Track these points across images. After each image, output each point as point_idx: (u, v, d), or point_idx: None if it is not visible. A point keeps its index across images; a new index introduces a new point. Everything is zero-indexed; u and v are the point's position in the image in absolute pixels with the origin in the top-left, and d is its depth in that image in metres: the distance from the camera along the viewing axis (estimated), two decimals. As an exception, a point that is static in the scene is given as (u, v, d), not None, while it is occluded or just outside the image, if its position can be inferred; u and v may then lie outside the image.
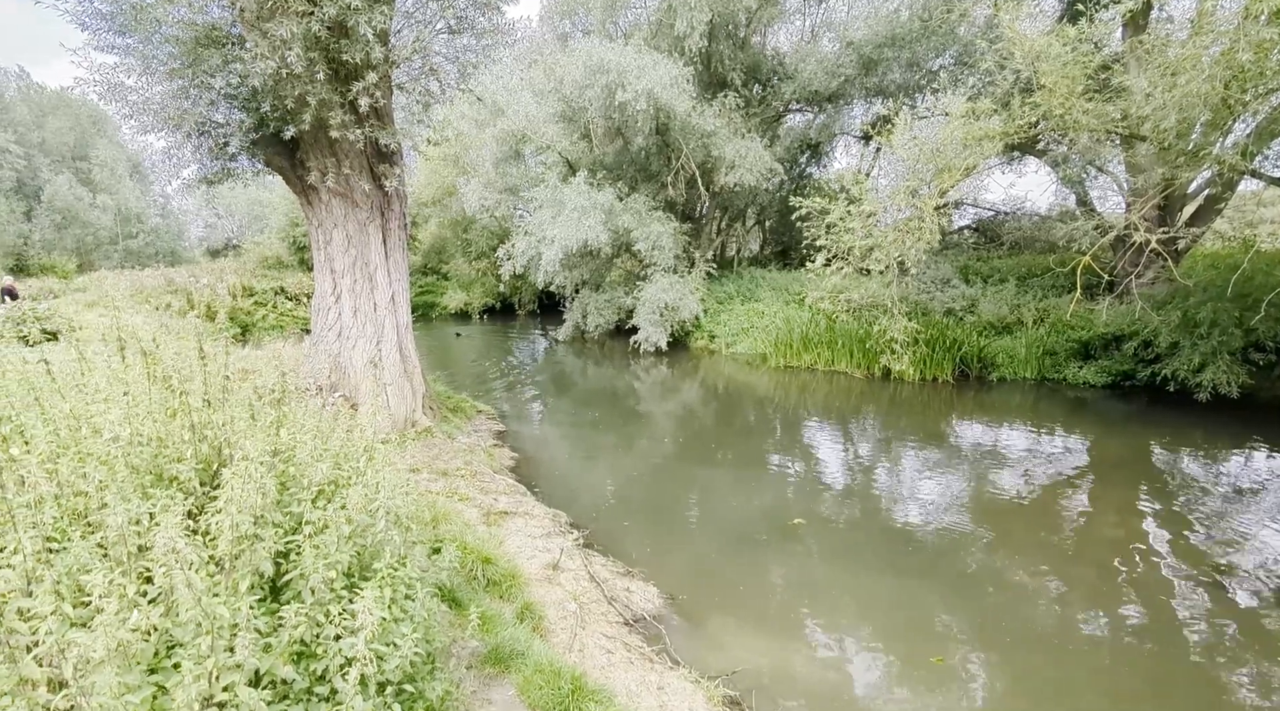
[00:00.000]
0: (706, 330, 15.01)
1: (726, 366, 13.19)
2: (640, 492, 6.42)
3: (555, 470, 7.05)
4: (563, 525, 5.49)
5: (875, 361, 11.23)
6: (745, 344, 14.01)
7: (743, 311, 14.84)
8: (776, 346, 12.74)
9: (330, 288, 6.31)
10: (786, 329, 12.83)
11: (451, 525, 4.54)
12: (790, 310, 14.05)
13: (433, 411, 7.39)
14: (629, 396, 10.88)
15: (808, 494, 6.26)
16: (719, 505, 6.04)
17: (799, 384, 11.57)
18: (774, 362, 12.60)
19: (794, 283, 15.42)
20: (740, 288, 16.00)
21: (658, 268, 14.36)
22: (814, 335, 12.32)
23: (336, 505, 2.80)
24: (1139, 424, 8.89)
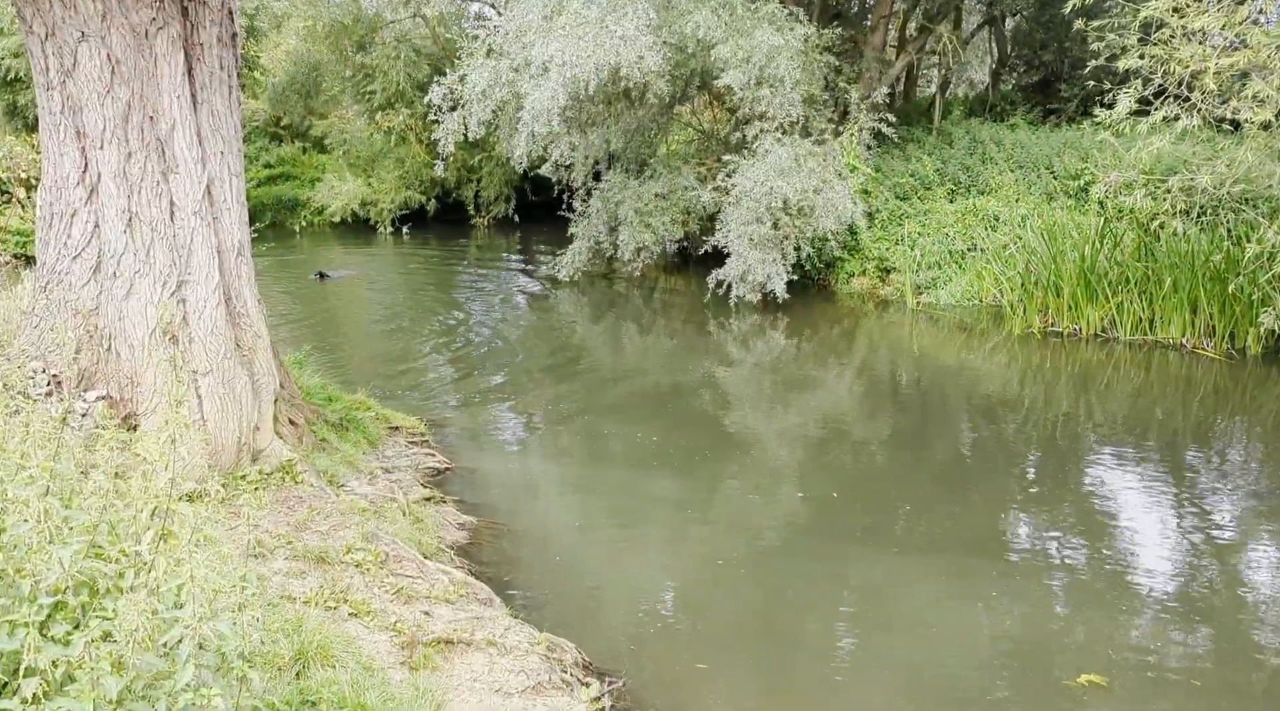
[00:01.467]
0: (872, 255, 15.03)
1: (915, 331, 13.19)
2: (734, 600, 6.44)
3: (553, 551, 7.13)
4: (569, 667, 5.48)
5: (1248, 322, 10.95)
6: (956, 286, 14.00)
7: (951, 216, 14.70)
8: (1026, 291, 12.66)
9: (76, 169, 6.35)
10: (1049, 253, 12.67)
11: (337, 668, 4.55)
12: (1056, 213, 13.78)
13: (296, 428, 7.45)
14: (706, 396, 10.91)
15: (1107, 612, 6.10)
16: (908, 633, 5.97)
17: (1076, 369, 11.39)
18: (1017, 324, 12.57)
19: (1065, 153, 15.17)
20: (947, 165, 15.88)
21: (769, 125, 14.18)
22: (1109, 267, 12.13)
23: (91, 633, 2.75)
24: None
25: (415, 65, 21.00)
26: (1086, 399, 10.44)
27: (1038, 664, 5.57)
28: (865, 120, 15.23)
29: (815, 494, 8.07)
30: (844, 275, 15.25)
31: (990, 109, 18.48)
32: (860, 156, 15.07)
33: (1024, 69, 19.76)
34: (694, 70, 15.02)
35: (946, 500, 7.93)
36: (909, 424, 9.93)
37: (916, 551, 7.04)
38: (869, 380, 11.45)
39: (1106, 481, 8.42)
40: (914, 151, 16.24)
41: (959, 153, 16.03)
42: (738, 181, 13.92)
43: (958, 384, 11.06)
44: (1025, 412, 10.03)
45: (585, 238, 16.16)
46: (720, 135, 17.19)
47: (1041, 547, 7.09)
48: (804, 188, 13.69)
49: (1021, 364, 11.61)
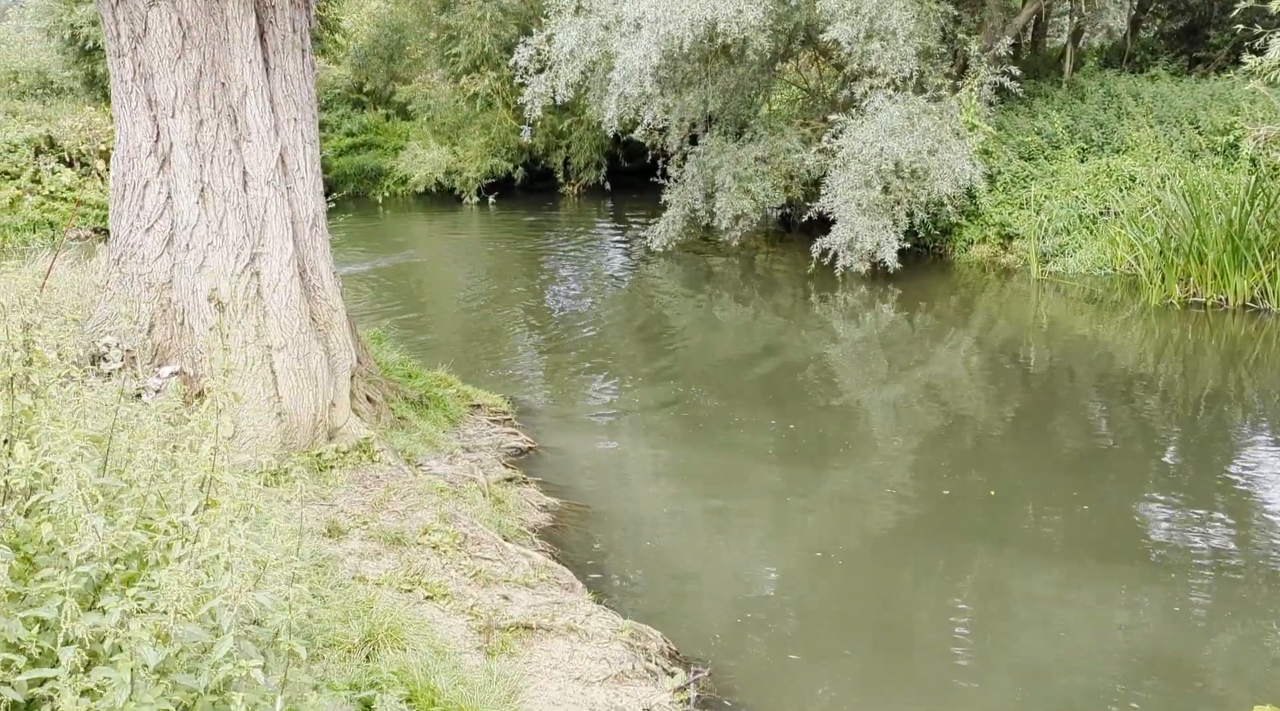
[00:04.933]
0: (993, 221, 14.78)
1: (1041, 302, 12.95)
2: (837, 592, 6.44)
3: (642, 536, 7.19)
4: (654, 656, 5.55)
5: None
6: (1086, 253, 13.70)
7: (1081, 177, 14.37)
8: (1165, 258, 12.33)
9: (148, 138, 6.49)
10: (1191, 216, 12.32)
11: (409, 651, 4.64)
12: (1201, 172, 13.29)
13: (374, 405, 7.57)
14: (810, 375, 10.86)
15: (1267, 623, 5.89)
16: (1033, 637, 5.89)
17: (1222, 344, 11.05)
18: (1155, 294, 12.30)
19: (1212, 106, 14.62)
20: (1078, 122, 15.49)
21: (879, 81, 13.97)
22: (1260, 231, 11.80)
23: (129, 604, 2.84)
24: None
25: (502, 25, 21.14)
26: (1234, 376, 10.12)
27: (1186, 681, 5.42)
28: (986, 74, 14.86)
29: (930, 482, 7.98)
30: (962, 243, 14.96)
31: (1128, 59, 17.89)
32: (980, 114, 14.73)
33: (1168, 14, 19.06)
34: (798, 24, 14.84)
35: (1077, 490, 7.75)
36: (1034, 405, 9.72)
37: (1043, 546, 6.92)
38: (990, 357, 11.22)
39: (1259, 469, 8.14)
40: (1041, 107, 15.82)
41: (1091, 108, 15.56)
42: (845, 142, 13.73)
43: (1089, 360, 10.77)
44: (1165, 392, 9.75)
45: (680, 205, 16.13)
46: (826, 93, 16.97)
47: (1187, 545, 6.87)
48: (917, 148, 13.44)
49: (1160, 338, 11.28)
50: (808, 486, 7.99)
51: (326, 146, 23.65)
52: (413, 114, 23.91)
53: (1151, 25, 19.62)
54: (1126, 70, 17.04)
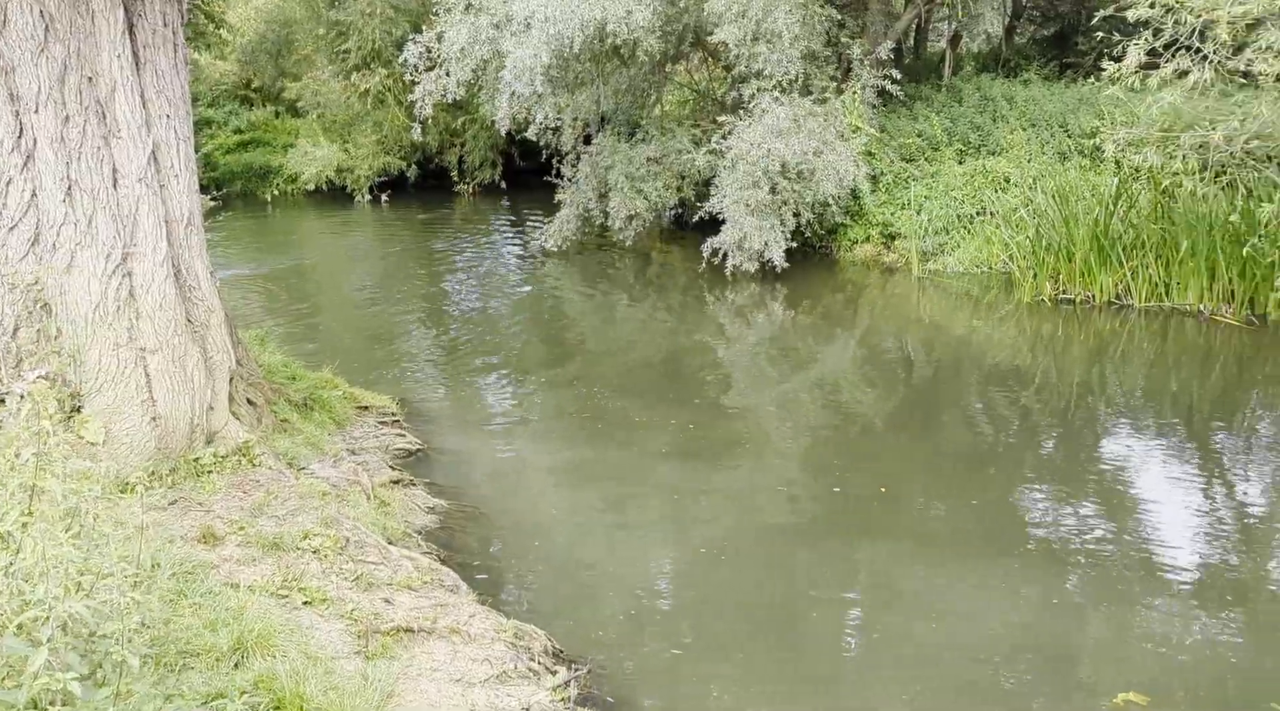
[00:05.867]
0: (876, 221, 14.97)
1: (921, 300, 13.17)
2: (728, 587, 6.44)
3: (532, 536, 7.13)
4: (537, 655, 5.51)
5: (1269, 287, 10.99)
6: (964, 252, 13.96)
7: (960, 178, 14.64)
8: (1037, 256, 12.64)
9: (10, 134, 6.23)
10: (1061, 217, 12.64)
11: (280, 658, 4.54)
12: (1070, 173, 13.71)
13: (255, 408, 7.41)
14: (702, 372, 10.88)
15: (1137, 608, 6.06)
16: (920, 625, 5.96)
17: (1090, 339, 11.36)
18: (1028, 292, 12.58)
19: (1080, 109, 15.05)
20: (956, 124, 15.79)
21: (766, 84, 14.07)
22: (1123, 230, 12.14)
23: None
24: None
25: (393, 22, 20.83)
26: (1101, 370, 10.43)
27: (1061, 667, 5.53)
28: (869, 78, 15.09)
29: (821, 479, 8.05)
30: (847, 242, 15.17)
31: (1003, 64, 18.32)
32: (864, 116, 14.94)
33: (1040, 21, 19.62)
34: (687, 25, 14.88)
35: (960, 481, 7.93)
36: (917, 399, 9.92)
37: (930, 539, 7.02)
38: (874, 353, 11.40)
39: (1127, 458, 8.41)
40: (922, 110, 16.11)
41: (969, 111, 15.90)
42: (733, 143, 13.82)
43: (967, 355, 11.02)
44: (1038, 385, 10.00)
45: (574, 205, 16.08)
46: (716, 95, 17.09)
47: (1063, 532, 7.06)
48: (803, 150, 13.58)
49: (1032, 333, 11.57)
50: (702, 484, 7.98)
51: (213, 144, 23.08)
52: (302, 111, 23.41)
53: (1025, 31, 20.14)
54: (1002, 75, 17.43)
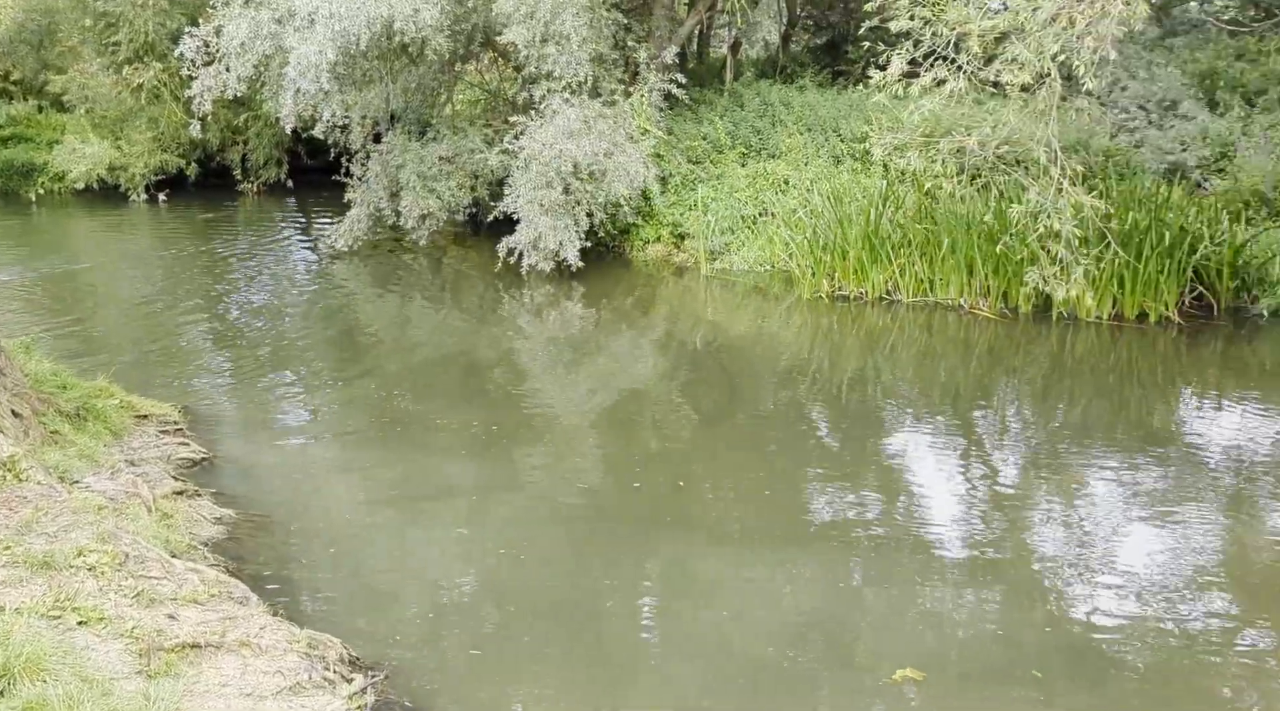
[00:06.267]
0: (666, 221, 15.14)
1: (710, 298, 13.41)
2: (529, 586, 6.42)
3: (327, 543, 6.95)
4: (332, 664, 5.35)
5: (1019, 282, 11.60)
6: (748, 251, 14.28)
7: (743, 179, 14.98)
8: (814, 255, 13.01)
9: None
10: (835, 217, 13.08)
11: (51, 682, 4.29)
12: (843, 176, 14.23)
13: (20, 420, 7.01)
14: (500, 372, 10.84)
15: (913, 587, 6.33)
16: (714, 613, 6.06)
17: (864, 333, 11.85)
18: (807, 289, 12.94)
19: (851, 115, 15.63)
20: (739, 128, 16.12)
21: (556, 85, 14.11)
22: (891, 230, 12.65)
23: None
24: None
25: (167, 14, 19.78)
26: (875, 362, 10.96)
27: (844, 647, 5.72)
28: (655, 81, 15.33)
29: (620, 475, 8.11)
30: (639, 242, 15.36)
31: (781, 71, 18.90)
32: (652, 119, 15.17)
33: (813, 30, 20.30)
34: (476, 25, 14.75)
35: (752, 472, 8.12)
36: (708, 395, 10.15)
37: (723, 527, 7.18)
38: (666, 350, 11.64)
39: (900, 444, 8.87)
40: (706, 114, 16.47)
41: (750, 115, 16.33)
42: (526, 144, 13.79)
43: (754, 350, 11.38)
44: (819, 378, 10.45)
45: (364, 204, 15.70)
46: (507, 95, 17.01)
47: (845, 518, 7.37)
48: (594, 151, 13.68)
49: (812, 328, 12.04)
50: (501, 484, 7.97)
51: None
52: (69, 105, 22.01)
53: (800, 40, 20.78)
54: (780, 81, 17.93)
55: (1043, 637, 5.60)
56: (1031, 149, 10.31)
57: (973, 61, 9.55)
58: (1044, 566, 6.50)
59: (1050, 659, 5.36)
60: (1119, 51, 10.22)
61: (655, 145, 15.00)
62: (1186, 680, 5.11)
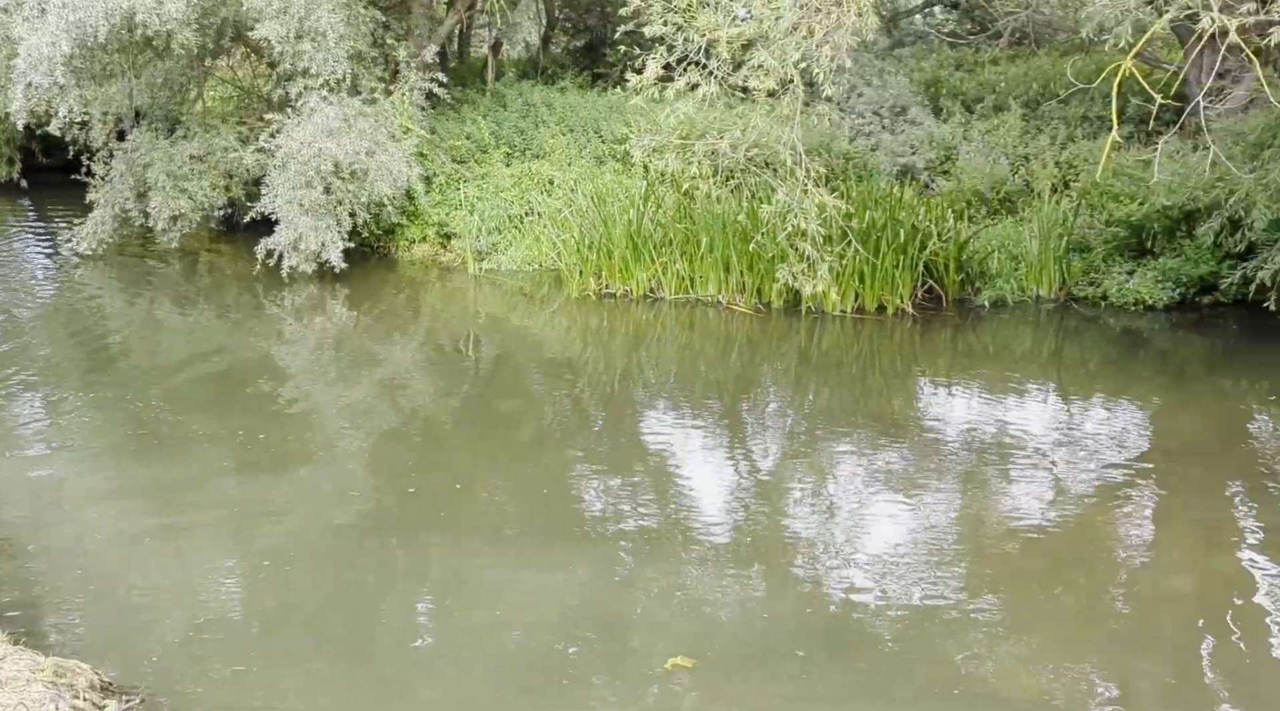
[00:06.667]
0: (432, 221, 14.97)
1: (479, 298, 13.34)
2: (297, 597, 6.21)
3: (75, 565, 6.52)
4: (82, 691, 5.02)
5: (771, 279, 11.97)
6: (516, 251, 14.25)
7: (508, 179, 14.93)
8: (580, 255, 13.08)
9: None
10: (599, 217, 13.17)
11: None
12: (606, 176, 14.38)
13: None
14: (263, 379, 10.38)
15: (683, 575, 6.44)
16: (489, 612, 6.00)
17: (630, 330, 12.02)
18: (574, 288, 12.99)
19: (611, 117, 15.78)
20: (502, 128, 16.04)
21: (314, 82, 13.69)
22: (653, 230, 12.81)
23: None
24: (1226, 373, 10.49)
25: None
26: (640, 358, 11.16)
27: (619, 638, 5.77)
28: (416, 80, 15.08)
29: (394, 480, 7.94)
30: (405, 242, 15.08)
31: (542, 72, 18.94)
32: (414, 118, 14.91)
33: (572, 32, 20.42)
34: (226, 19, 14.04)
35: (526, 471, 8.13)
36: (480, 395, 10.09)
37: (499, 527, 7.13)
38: (436, 352, 11.49)
39: (666, 437, 9.04)
40: (469, 113, 16.31)
41: (513, 116, 16.27)
42: (283, 142, 13.30)
43: (524, 350, 11.40)
44: (589, 375, 10.56)
45: (109, 205, 14.70)
46: (262, 92, 16.35)
47: (616, 511, 7.44)
48: (355, 150, 13.34)
49: (581, 327, 12.15)
50: (268, 495, 7.65)
51: None
52: None
53: (560, 42, 20.87)
54: (541, 82, 17.96)
55: (803, 618, 5.84)
56: (778, 151, 10.68)
57: (723, 67, 9.79)
58: (801, 549, 6.80)
59: (810, 638, 5.60)
60: (854, 60, 10.73)
61: (418, 144, 14.77)
62: (929, 650, 5.43)
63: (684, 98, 10.03)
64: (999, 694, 5.05)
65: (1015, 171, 14.12)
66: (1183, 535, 6.99)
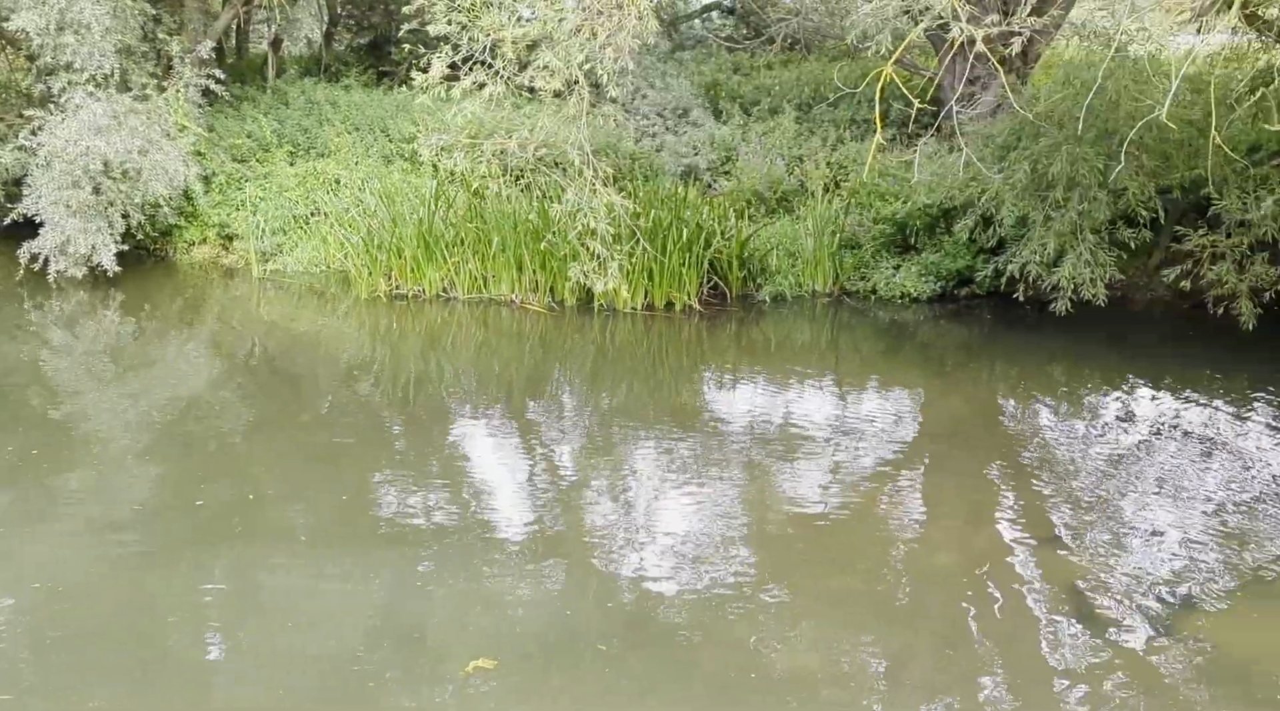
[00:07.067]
0: (213, 222, 14.42)
1: (264, 300, 12.94)
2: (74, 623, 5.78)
3: None
4: None
5: (563, 277, 12.08)
6: (302, 252, 13.91)
7: (292, 179, 14.53)
8: (370, 255, 12.83)
9: None
10: (389, 217, 12.99)
11: None
12: (394, 176, 14.20)
13: None
14: (32, 393, 9.71)
15: (483, 578, 6.38)
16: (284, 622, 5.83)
17: (423, 330, 11.90)
18: (364, 288, 12.77)
19: (398, 115, 15.53)
20: (284, 126, 15.63)
21: (79, 77, 12.88)
22: (445, 229, 12.73)
23: None
24: (982, 360, 11.24)
25: None
26: (436, 358, 11.01)
27: (418, 642, 5.65)
28: (191, 76, 14.39)
29: (182, 494, 7.52)
30: (183, 244, 14.44)
31: (325, 69, 18.42)
32: (190, 115, 14.23)
33: (355, 29, 19.94)
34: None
35: (321, 477, 7.85)
36: (271, 401, 9.71)
37: (294, 536, 6.90)
38: (222, 357, 10.96)
39: (462, 437, 8.96)
40: (249, 111, 15.72)
41: (296, 113, 15.79)
42: (46, 140, 12.45)
43: (314, 353, 11.05)
44: (382, 377, 10.34)
45: None
46: (20, 87, 15.24)
47: (414, 515, 7.28)
48: (127, 148, 12.63)
49: (372, 328, 11.88)
50: (40, 514, 7.10)
51: None
52: None
53: (343, 39, 20.36)
54: (324, 79, 17.50)
55: (604, 611, 5.89)
56: (567, 151, 10.72)
57: (508, 67, 9.77)
58: (598, 543, 6.84)
59: (611, 631, 5.66)
60: (637, 63, 10.86)
61: (196, 143, 14.12)
62: (724, 636, 5.57)
63: (471, 97, 9.93)
64: (790, 675, 5.23)
65: (791, 172, 14.65)
66: (949, 514, 7.42)
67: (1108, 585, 6.17)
